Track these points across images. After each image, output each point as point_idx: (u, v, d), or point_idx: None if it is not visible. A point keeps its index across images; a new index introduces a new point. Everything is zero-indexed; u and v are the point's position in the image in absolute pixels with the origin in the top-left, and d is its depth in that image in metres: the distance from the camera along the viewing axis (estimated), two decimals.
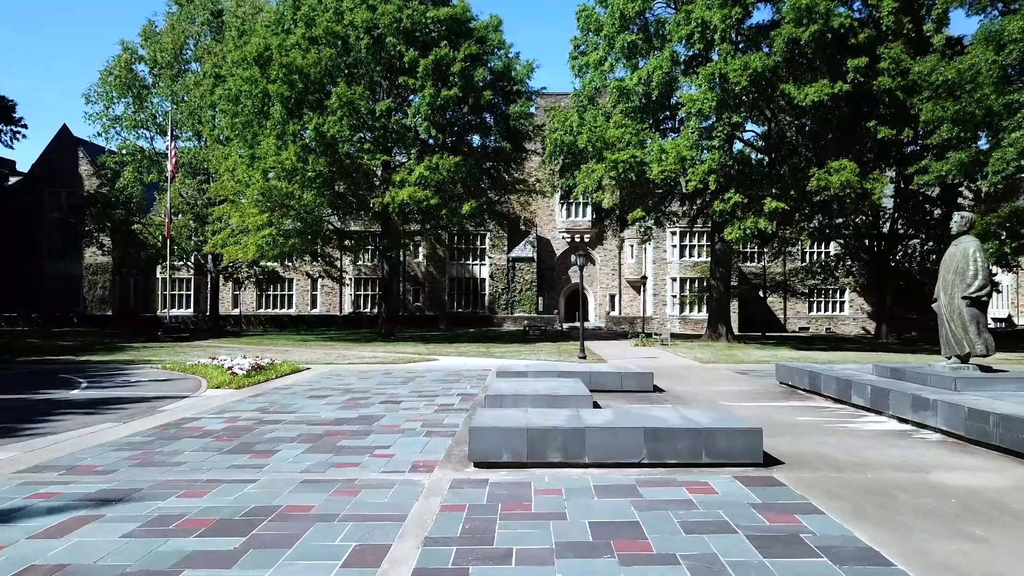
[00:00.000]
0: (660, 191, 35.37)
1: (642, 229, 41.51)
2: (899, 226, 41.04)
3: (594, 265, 56.07)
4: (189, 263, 50.07)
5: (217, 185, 37.43)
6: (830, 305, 55.37)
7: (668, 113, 37.03)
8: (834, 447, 8.79)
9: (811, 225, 35.16)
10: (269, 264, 46.73)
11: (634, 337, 34.24)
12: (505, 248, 54.56)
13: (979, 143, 22.86)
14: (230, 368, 17.60)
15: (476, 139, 37.64)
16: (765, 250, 47.16)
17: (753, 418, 10.84)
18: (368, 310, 54.20)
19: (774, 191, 29.81)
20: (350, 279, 54.72)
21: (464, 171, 32.72)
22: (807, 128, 31.51)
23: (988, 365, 11.82)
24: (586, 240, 54.34)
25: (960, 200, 41.80)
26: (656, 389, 14.75)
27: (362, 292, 55.31)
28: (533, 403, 10.63)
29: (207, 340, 36.36)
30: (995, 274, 45.23)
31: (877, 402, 11.31)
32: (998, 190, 21.11)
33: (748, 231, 29.19)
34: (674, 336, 35.82)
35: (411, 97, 35.15)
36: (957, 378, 10.69)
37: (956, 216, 11.97)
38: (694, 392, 14.48)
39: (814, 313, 55.32)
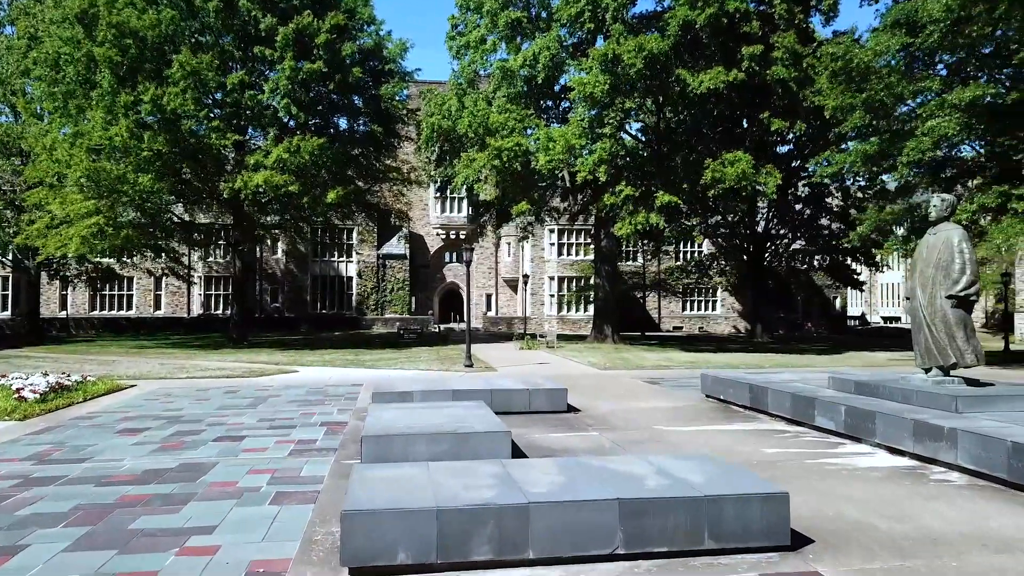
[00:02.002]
0: (545, 184, 33.07)
1: (522, 226, 39.23)
2: (772, 225, 40.93)
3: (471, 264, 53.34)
4: (5, 258, 43.07)
5: (33, 166, 31.70)
6: (703, 304, 55.39)
7: (553, 102, 34.90)
8: (862, 505, 6.35)
9: (703, 222, 34.04)
10: (103, 260, 40.85)
11: (518, 339, 31.80)
12: (375, 244, 50.85)
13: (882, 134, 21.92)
14: (18, 390, 13.40)
15: (344, 122, 33.99)
16: (645, 248, 46.05)
17: (706, 448, 8.36)
18: (220, 312, 48.91)
19: (664, 183, 28.10)
20: (199, 277, 49.27)
21: (329, 156, 29.10)
22: (701, 118, 30.11)
23: (975, 378, 9.91)
24: (462, 236, 51.53)
25: (828, 201, 42.28)
26: (571, 409, 12.10)
27: (213, 292, 49.95)
28: (431, 447, 7.62)
29: (20, 348, 30.70)
30: (858, 273, 46.12)
31: (856, 427, 9.11)
32: (909, 182, 20.18)
33: (639, 226, 27.32)
34: (558, 337, 33.63)
35: (268, 72, 31.05)
36: (957, 396, 8.62)
37: (935, 199, 9.99)
38: (617, 412, 11.93)
39: (687, 312, 55.13)
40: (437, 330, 45.88)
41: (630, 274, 51.94)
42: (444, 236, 52.61)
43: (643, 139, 31.81)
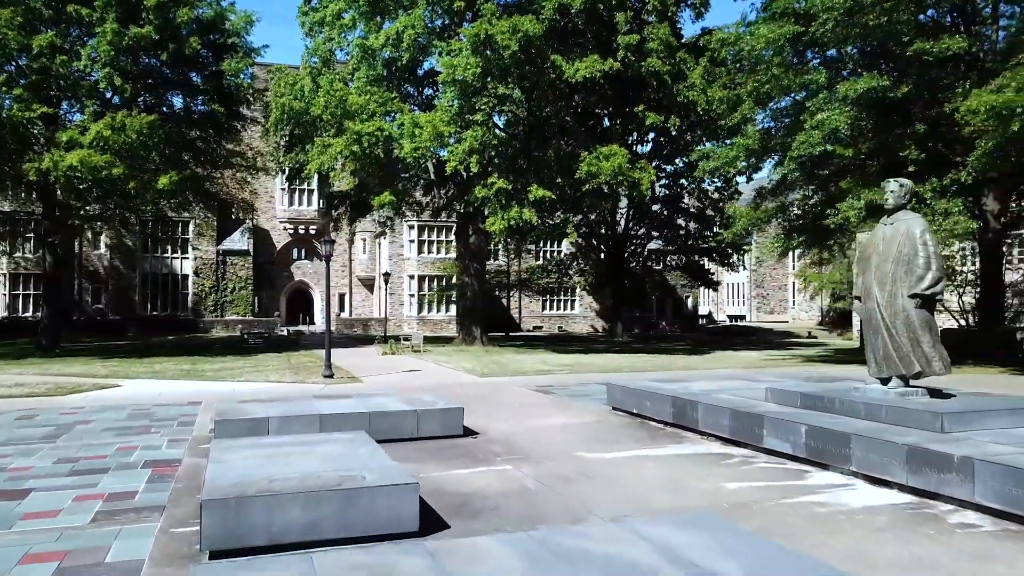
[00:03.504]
0: (408, 174, 30.70)
1: (381, 220, 36.57)
2: (632, 225, 40.78)
3: (321, 260, 49.83)
4: None
5: None
6: (562, 304, 54.95)
7: (416, 88, 32.62)
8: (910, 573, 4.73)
9: (577, 217, 32.94)
10: None
11: (379, 343, 29.25)
12: (214, 238, 46.26)
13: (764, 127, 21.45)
14: None
15: (180, 100, 30.00)
16: (509, 246, 44.64)
17: (652, 481, 6.61)
18: (30, 315, 42.64)
19: (537, 177, 26.57)
20: (3, 275, 42.82)
21: (161, 136, 25.28)
22: (576, 110, 28.84)
23: (937, 388, 8.76)
24: (312, 231, 48.01)
25: (684, 203, 42.68)
26: (467, 431, 10.03)
27: (21, 291, 43.56)
28: (307, 512, 5.29)
29: None
30: (713, 273, 47.05)
31: (822, 451, 7.64)
32: (795, 178, 19.72)
33: (513, 222, 25.61)
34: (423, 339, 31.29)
35: (87, 37, 26.68)
36: (942, 413, 7.32)
37: (893, 184, 8.76)
38: (522, 434, 9.99)
39: (547, 312, 54.49)
40: (285, 333, 42.25)
41: (492, 273, 50.42)
42: (293, 231, 48.82)
43: (513, 132, 30.21)
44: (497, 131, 26.98)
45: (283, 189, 47.68)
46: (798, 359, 25.30)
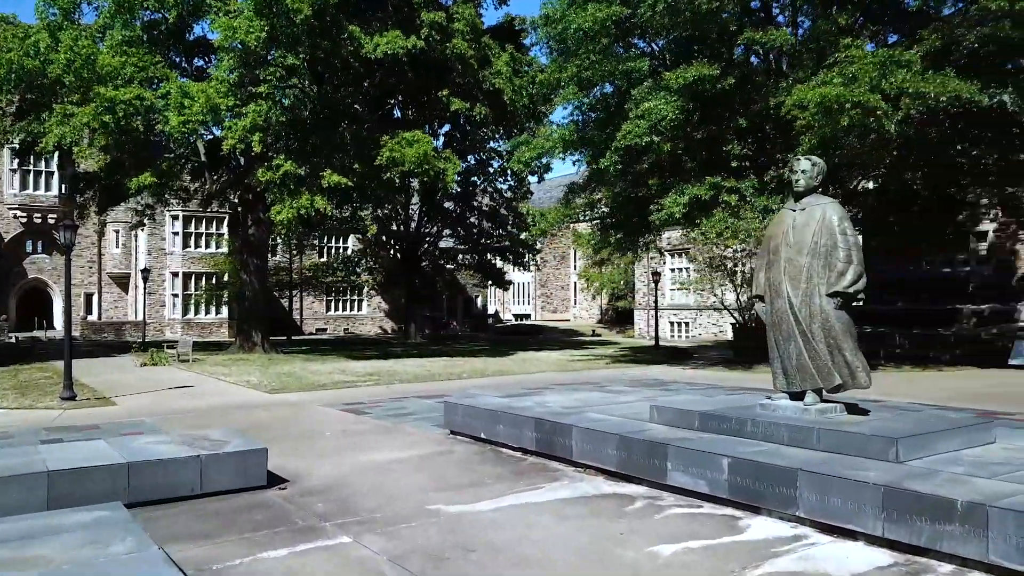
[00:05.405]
0: (174, 154, 26.36)
1: (139, 208, 31.43)
2: (424, 222, 39.00)
3: (61, 255, 42.55)
4: None
5: None
6: (348, 304, 51.85)
7: (185, 57, 28.23)
8: None
9: (366, 211, 30.29)
10: None
11: (137, 351, 24.64)
12: None
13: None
14: None
15: None
16: (292, 240, 40.74)
17: (552, 548, 4.68)
18: None
19: (331, 161, 23.70)
20: None
21: None
22: (369, 94, 26.21)
23: (853, 402, 7.55)
24: (51, 220, 40.75)
25: (477, 202, 41.55)
26: (273, 479, 7.39)
27: None
28: None
29: None
30: (504, 271, 46.43)
31: (753, 492, 6.05)
32: (615, 172, 18.71)
33: (304, 211, 22.53)
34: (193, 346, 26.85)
35: None
36: (899, 439, 6.00)
37: (804, 163, 7.44)
38: (351, 480, 7.54)
39: (332, 313, 51.10)
40: (14, 340, 35.29)
41: (272, 271, 46.01)
42: (26, 219, 41.12)
43: (297, 114, 26.96)
44: (284, 107, 23.68)
45: (13, 169, 39.99)
46: (603, 359, 24.71)
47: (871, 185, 22.87)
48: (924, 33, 16.45)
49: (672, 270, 39.47)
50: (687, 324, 40.46)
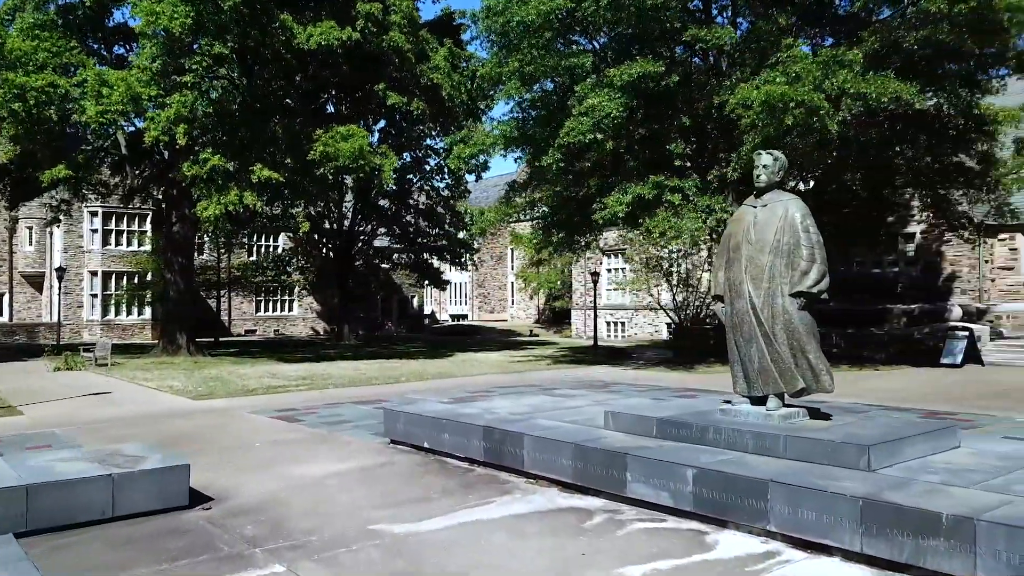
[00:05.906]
0: (92, 146, 24.89)
1: (54, 204, 29.63)
2: (358, 220, 38.07)
3: None
4: None
5: None
6: (279, 304, 50.37)
7: (104, 44, 26.76)
8: None
9: (298, 208, 29.28)
10: None
11: (51, 354, 23.12)
12: None
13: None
14: None
15: None
16: (220, 237, 39.20)
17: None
18: None
19: (261, 155, 22.71)
20: None
21: None
22: (301, 88, 25.25)
23: (815, 406, 7.28)
24: None
25: (413, 200, 40.75)
26: (197, 497, 6.70)
27: None
28: None
29: None
30: (441, 271, 45.72)
31: (720, 505, 5.69)
32: (557, 170, 18.30)
33: (232, 207, 21.50)
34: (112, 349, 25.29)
35: None
36: (870, 446, 5.72)
37: (765, 158, 7.14)
38: (283, 498, 6.91)
39: (261, 314, 49.52)
40: None
41: (198, 270, 44.21)
42: None
43: (224, 106, 25.83)
44: (212, 99, 22.57)
45: None
46: (544, 360, 24.37)
47: (803, 187, 23.16)
48: (864, 35, 16.59)
49: (609, 270, 39.48)
50: (623, 324, 40.53)
